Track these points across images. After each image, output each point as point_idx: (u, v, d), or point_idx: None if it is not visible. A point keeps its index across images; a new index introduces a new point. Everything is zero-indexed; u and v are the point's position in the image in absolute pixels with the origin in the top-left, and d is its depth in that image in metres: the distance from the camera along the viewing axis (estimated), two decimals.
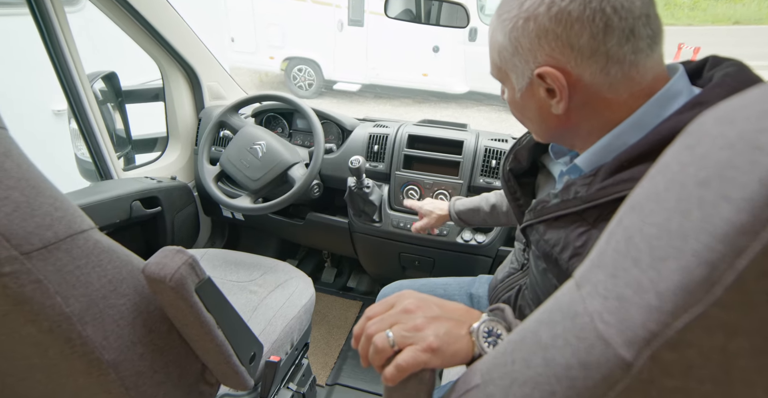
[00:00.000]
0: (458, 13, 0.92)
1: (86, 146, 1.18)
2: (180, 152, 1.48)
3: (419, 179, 1.20)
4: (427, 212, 1.00)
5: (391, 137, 1.25)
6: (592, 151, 0.48)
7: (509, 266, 0.70)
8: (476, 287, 0.92)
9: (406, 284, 0.99)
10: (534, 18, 0.44)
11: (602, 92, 0.44)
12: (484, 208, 0.92)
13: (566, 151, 0.59)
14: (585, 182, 0.46)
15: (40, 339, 0.44)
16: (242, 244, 1.76)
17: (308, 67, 5.71)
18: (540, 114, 0.50)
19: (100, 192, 1.11)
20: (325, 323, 1.52)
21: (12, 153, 0.42)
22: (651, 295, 0.20)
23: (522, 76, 0.48)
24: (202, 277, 0.54)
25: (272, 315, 0.95)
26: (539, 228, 0.52)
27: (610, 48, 0.42)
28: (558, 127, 0.50)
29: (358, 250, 1.38)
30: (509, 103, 0.55)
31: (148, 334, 0.53)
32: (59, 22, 1.01)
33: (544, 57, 0.45)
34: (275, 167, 1.14)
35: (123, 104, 1.37)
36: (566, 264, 0.46)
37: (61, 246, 0.44)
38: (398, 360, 0.38)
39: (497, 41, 0.49)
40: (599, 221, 0.44)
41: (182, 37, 1.33)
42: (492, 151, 1.17)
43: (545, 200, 0.52)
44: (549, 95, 0.47)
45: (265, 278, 1.08)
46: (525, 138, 0.66)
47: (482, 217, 0.92)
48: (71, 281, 0.44)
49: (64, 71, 1.06)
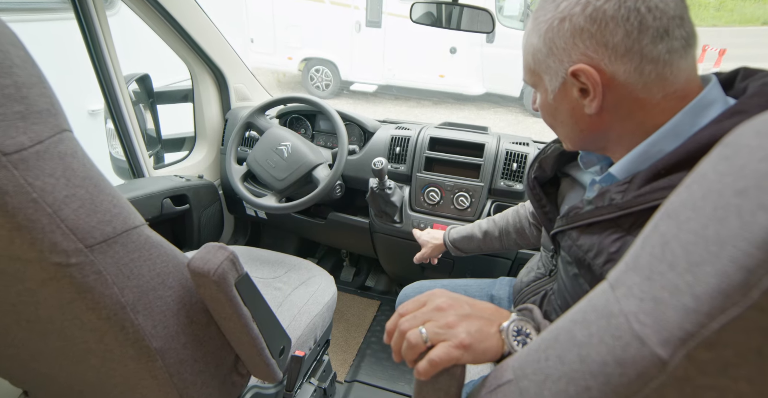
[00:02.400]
0: (482, 17, 0.93)
1: (121, 145, 1.23)
2: (207, 152, 1.53)
3: (440, 181, 1.22)
4: (424, 242, 1.03)
5: (413, 140, 1.27)
6: (627, 159, 0.49)
7: (535, 271, 0.71)
8: (497, 289, 0.93)
9: (427, 285, 1.01)
10: (569, 18, 0.45)
11: (636, 92, 0.45)
12: (477, 235, 0.94)
13: (596, 160, 0.60)
14: (620, 189, 0.47)
15: (98, 325, 0.47)
16: (263, 242, 1.80)
17: (325, 68, 5.77)
18: (573, 116, 0.51)
19: (134, 189, 1.16)
20: (343, 321, 1.55)
21: (78, 154, 0.45)
22: (687, 297, 0.22)
23: (555, 76, 0.49)
24: (241, 273, 0.57)
25: (297, 312, 0.98)
26: (572, 234, 0.53)
27: (645, 46, 0.43)
28: (590, 129, 0.51)
29: (378, 250, 1.41)
30: (541, 108, 0.56)
31: (190, 325, 0.56)
32: (101, 26, 1.06)
33: (578, 55, 0.46)
34: (300, 168, 1.17)
35: (154, 105, 1.43)
36: (600, 269, 0.47)
37: (119, 240, 0.47)
38: (431, 356, 0.40)
39: (532, 44, 0.51)
40: (634, 228, 0.44)
41: (211, 40, 1.38)
42: (513, 154, 1.18)
43: (578, 207, 0.53)
44: (582, 95, 0.48)
45: (289, 276, 1.11)
46: (550, 148, 0.67)
47: (476, 244, 0.94)
48: (126, 272, 0.48)
49: (103, 73, 1.11)
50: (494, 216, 0.95)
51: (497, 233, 0.92)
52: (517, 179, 1.17)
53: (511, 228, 0.90)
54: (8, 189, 0.38)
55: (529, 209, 0.88)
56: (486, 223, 0.94)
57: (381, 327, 1.54)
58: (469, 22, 0.93)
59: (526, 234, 0.88)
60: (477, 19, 0.93)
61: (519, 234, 0.89)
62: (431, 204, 1.23)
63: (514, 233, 0.90)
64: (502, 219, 0.92)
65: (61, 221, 0.41)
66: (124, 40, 1.76)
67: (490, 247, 0.94)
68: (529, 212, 0.87)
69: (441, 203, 1.22)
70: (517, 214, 0.90)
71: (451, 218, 1.22)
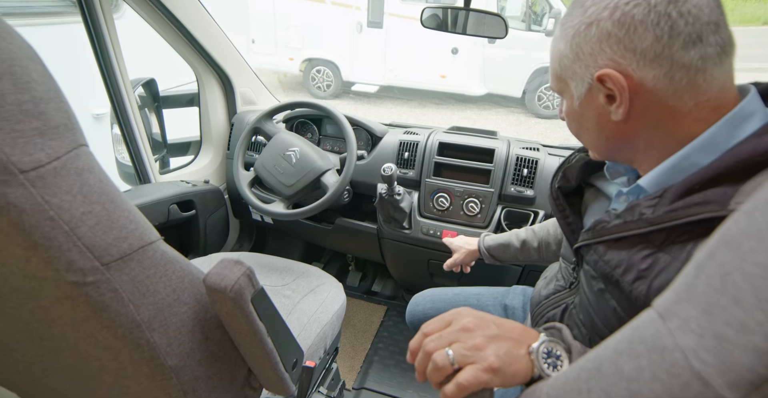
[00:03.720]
0: (495, 22, 0.92)
1: (127, 151, 1.22)
2: (212, 156, 1.52)
3: (449, 186, 1.21)
4: (457, 247, 1.00)
5: (422, 145, 1.25)
6: (658, 171, 0.47)
7: (554, 284, 0.69)
8: (510, 299, 0.92)
9: (438, 293, 1.00)
10: (597, 22, 0.44)
11: (665, 99, 0.43)
12: (515, 244, 0.91)
13: (623, 171, 0.58)
14: (650, 203, 0.45)
15: (113, 343, 0.46)
16: (268, 246, 1.79)
17: (327, 69, 5.75)
18: (599, 123, 0.49)
19: (140, 196, 1.15)
20: (350, 326, 1.54)
21: (94, 169, 0.44)
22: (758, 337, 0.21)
23: (582, 82, 0.48)
24: (257, 287, 0.56)
25: (306, 321, 0.97)
26: (598, 249, 0.51)
27: (675, 52, 0.41)
28: (617, 137, 0.49)
29: (386, 256, 1.39)
30: (567, 115, 0.54)
31: (205, 341, 0.55)
32: (108, 29, 1.05)
33: (605, 60, 0.44)
34: (308, 174, 1.16)
35: (160, 109, 1.42)
36: (629, 287, 0.46)
37: (135, 257, 0.46)
38: (459, 379, 0.39)
39: (559, 50, 0.50)
40: (667, 244, 0.43)
41: (217, 43, 1.37)
42: (523, 159, 1.17)
43: (605, 220, 0.51)
44: (608, 101, 0.46)
45: (297, 283, 1.10)
46: (574, 157, 0.66)
47: (512, 253, 0.92)
48: (142, 290, 0.47)
49: (110, 77, 1.10)
50: (533, 226, 0.93)
51: (536, 244, 0.89)
52: (528, 184, 1.16)
53: (551, 240, 0.87)
54: (25, 207, 0.37)
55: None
56: (524, 232, 0.92)
57: (388, 333, 1.52)
58: (483, 27, 0.92)
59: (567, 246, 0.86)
60: (488, 24, 0.91)
61: (559, 246, 0.86)
62: (441, 210, 1.22)
63: (554, 245, 0.87)
64: (542, 230, 0.90)
65: (78, 239, 0.40)
66: (128, 43, 1.75)
67: (528, 257, 0.91)
68: None
69: (450, 209, 1.21)
70: (558, 225, 0.88)
71: (461, 224, 1.21)
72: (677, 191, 0.43)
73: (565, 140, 1.40)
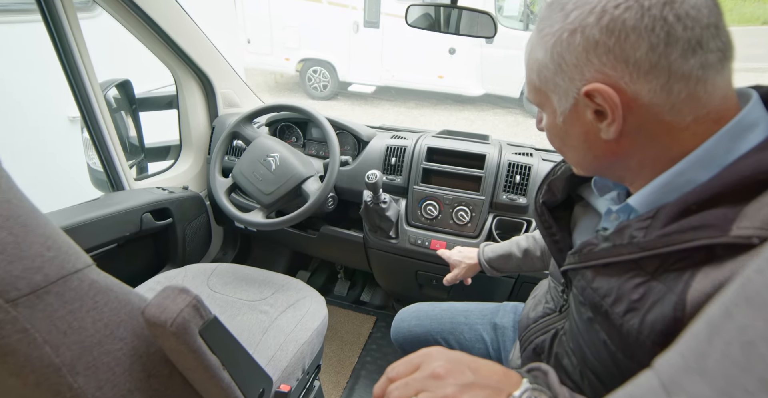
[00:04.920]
0: (483, 21, 0.85)
1: (98, 156, 1.15)
2: (193, 161, 1.45)
3: (438, 194, 1.14)
4: (456, 262, 0.94)
5: (410, 149, 1.19)
6: (650, 190, 0.42)
7: (543, 305, 0.63)
8: (500, 317, 0.85)
9: (425, 309, 0.94)
10: (581, 30, 0.38)
11: (662, 114, 0.38)
12: (517, 254, 0.86)
13: (611, 186, 0.52)
14: (642, 225, 0.40)
15: (25, 393, 0.39)
16: (254, 254, 1.73)
17: (323, 69, 5.70)
18: (586, 141, 0.44)
19: (110, 205, 1.08)
20: (337, 338, 1.47)
21: (1, 188, 0.38)
22: None
23: (565, 96, 0.42)
24: (207, 318, 0.49)
25: (283, 340, 0.90)
26: (586, 274, 0.46)
27: (673, 62, 0.36)
28: (606, 156, 0.44)
29: (373, 266, 1.33)
30: (548, 130, 0.48)
31: (147, 379, 0.48)
32: (71, 29, 0.98)
33: (592, 73, 0.39)
34: (289, 181, 1.10)
35: (137, 112, 1.35)
36: (620, 319, 0.40)
37: (52, 290, 0.40)
38: None
39: (536, 60, 0.44)
40: (661, 272, 0.38)
41: (196, 43, 1.30)
42: (516, 165, 1.11)
43: (593, 243, 0.45)
44: (597, 118, 0.41)
45: (276, 297, 1.03)
46: (560, 168, 0.60)
47: (515, 263, 0.87)
48: (62, 328, 0.40)
49: (76, 80, 1.03)
50: (534, 233, 0.87)
51: (539, 253, 0.83)
52: (521, 192, 1.10)
53: None
54: None
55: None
56: (525, 241, 0.86)
57: (377, 345, 1.46)
58: (469, 26, 0.85)
59: None
60: (478, 23, 0.85)
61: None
62: (429, 219, 1.15)
63: None
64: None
65: None
66: (108, 44, 1.69)
67: (531, 267, 0.86)
68: None
69: (439, 218, 1.15)
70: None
71: (451, 233, 1.14)
72: (671, 212, 0.38)
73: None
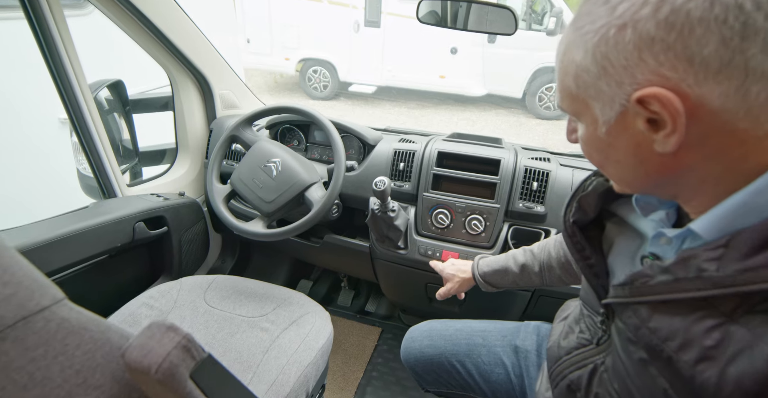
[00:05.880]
0: (504, 16, 0.79)
1: (87, 162, 1.08)
2: (189, 166, 1.38)
3: (450, 201, 1.08)
4: (448, 275, 0.89)
5: (419, 154, 1.12)
6: (720, 212, 0.35)
7: (577, 335, 0.56)
8: (522, 338, 0.78)
9: (438, 328, 0.87)
10: (633, 24, 0.32)
11: (734, 122, 0.31)
12: (513, 269, 0.80)
13: (657, 204, 0.45)
14: (712, 255, 0.33)
15: None
16: (254, 262, 1.66)
17: (323, 69, 5.64)
18: (635, 155, 0.37)
19: (100, 214, 1.01)
20: (341, 351, 1.40)
21: None
22: None
23: (611, 104, 0.35)
24: (200, 357, 0.42)
25: (285, 362, 0.83)
26: (639, 311, 0.39)
27: (751, 58, 0.29)
28: (660, 172, 0.37)
29: (380, 277, 1.26)
30: (586, 143, 0.41)
31: None
32: (57, 26, 0.91)
33: (646, 75, 0.32)
34: (291, 188, 1.03)
35: (130, 114, 1.28)
36: (690, 370, 0.33)
37: (9, 335, 0.33)
38: None
39: (573, 62, 0.37)
40: (741, 314, 0.31)
41: (192, 42, 1.23)
42: (533, 171, 1.04)
43: (647, 275, 0.38)
44: (651, 128, 0.34)
45: (278, 313, 0.96)
46: (591, 182, 0.53)
47: (512, 279, 0.81)
48: (22, 381, 0.33)
49: (62, 80, 0.96)
50: (532, 247, 0.81)
51: (537, 269, 0.78)
52: (538, 200, 1.03)
53: (554, 262, 0.76)
54: None
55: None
56: (522, 255, 0.80)
57: (383, 359, 1.39)
58: (491, 22, 0.79)
59: (573, 270, 0.74)
60: (498, 19, 0.78)
61: (564, 270, 0.75)
62: (440, 228, 1.08)
63: (558, 269, 0.75)
64: (542, 252, 0.78)
65: None
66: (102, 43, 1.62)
67: (528, 283, 0.80)
68: None
69: (451, 227, 1.08)
70: (561, 246, 0.75)
71: (463, 243, 1.08)
72: (753, 241, 0.31)
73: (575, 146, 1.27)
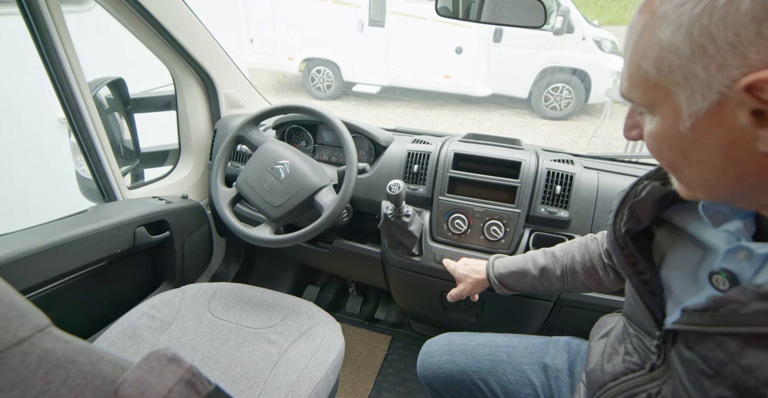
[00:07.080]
0: (534, 9, 0.73)
1: (86, 164, 1.03)
2: (193, 167, 1.33)
3: (467, 206, 1.02)
4: (461, 275, 0.84)
5: (434, 156, 1.06)
6: None
7: (623, 358, 0.51)
8: (551, 356, 0.73)
9: (458, 342, 0.81)
10: None
11: None
12: (532, 271, 0.74)
13: (728, 213, 0.40)
14: None
15: None
16: (259, 267, 1.60)
17: (327, 69, 5.60)
18: (729, 154, 0.31)
19: (100, 218, 0.96)
20: (350, 361, 1.35)
21: None
22: None
23: (705, 91, 0.30)
24: (206, 391, 0.37)
25: (295, 378, 0.78)
26: (727, 345, 0.33)
27: None
28: (756, 175, 0.31)
29: (392, 285, 1.21)
30: (658, 139, 0.35)
31: None
32: (54, 23, 0.86)
33: (764, 55, 0.26)
34: (300, 192, 0.97)
35: (131, 113, 1.23)
36: None
37: None
38: None
39: (656, 43, 0.31)
40: None
41: (197, 39, 1.18)
42: (556, 174, 0.98)
43: (737, 301, 0.33)
44: (756, 122, 0.28)
45: (286, 324, 0.91)
46: (644, 187, 0.47)
47: (529, 282, 0.75)
48: None
49: (59, 78, 0.91)
50: (553, 249, 0.75)
51: (559, 272, 0.72)
52: (562, 204, 0.97)
53: (578, 267, 0.70)
54: None
55: (603, 245, 0.67)
56: (543, 257, 0.75)
57: (393, 369, 1.33)
58: (519, 15, 0.73)
59: (599, 277, 0.68)
60: (529, 11, 0.73)
61: (589, 276, 0.69)
62: (457, 234, 1.03)
63: (582, 274, 0.70)
64: (565, 255, 0.72)
65: None
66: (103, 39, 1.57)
67: (548, 287, 0.74)
68: (603, 250, 0.67)
69: (468, 233, 1.02)
70: (586, 250, 0.69)
71: (482, 250, 1.02)
72: None
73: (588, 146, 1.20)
